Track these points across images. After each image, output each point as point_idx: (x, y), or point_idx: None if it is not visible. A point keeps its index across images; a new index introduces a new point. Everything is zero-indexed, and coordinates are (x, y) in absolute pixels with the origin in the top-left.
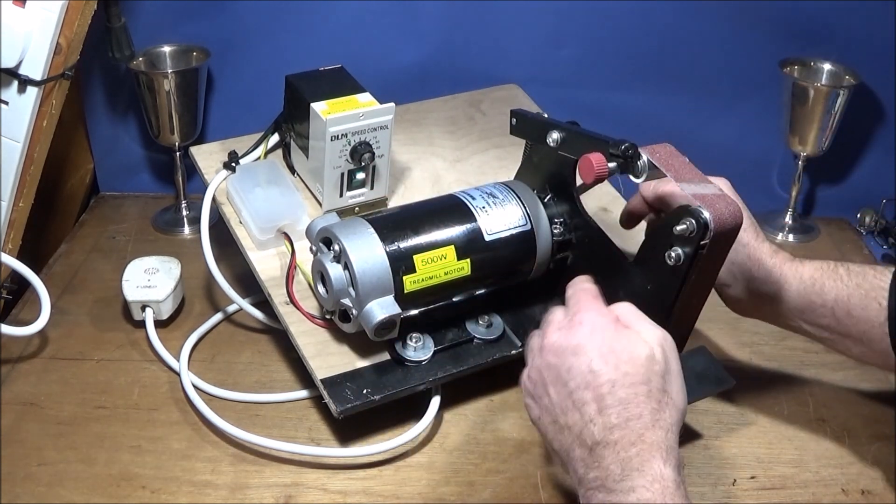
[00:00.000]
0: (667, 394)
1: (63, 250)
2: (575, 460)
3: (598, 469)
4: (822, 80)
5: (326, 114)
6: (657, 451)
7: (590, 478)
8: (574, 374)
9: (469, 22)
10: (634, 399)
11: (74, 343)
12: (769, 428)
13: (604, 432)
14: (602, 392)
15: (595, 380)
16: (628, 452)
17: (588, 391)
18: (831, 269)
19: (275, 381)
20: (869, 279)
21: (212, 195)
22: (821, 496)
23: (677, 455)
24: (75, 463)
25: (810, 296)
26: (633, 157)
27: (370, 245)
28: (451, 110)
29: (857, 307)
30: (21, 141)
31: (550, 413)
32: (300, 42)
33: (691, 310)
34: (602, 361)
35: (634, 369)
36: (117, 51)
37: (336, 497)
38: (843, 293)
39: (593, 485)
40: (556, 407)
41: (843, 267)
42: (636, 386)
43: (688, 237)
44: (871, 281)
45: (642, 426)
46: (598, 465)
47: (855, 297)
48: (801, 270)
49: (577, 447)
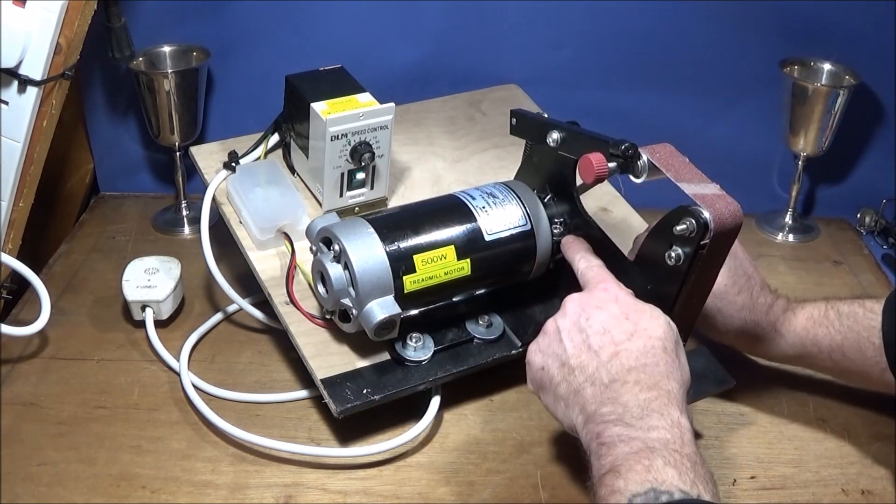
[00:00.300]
0: (678, 361)
1: (63, 250)
2: (585, 399)
3: (615, 404)
4: (822, 80)
5: (326, 114)
6: (674, 399)
7: (603, 411)
8: (593, 322)
9: (469, 22)
10: (652, 350)
11: (74, 343)
12: (769, 428)
13: (621, 372)
14: (619, 339)
15: (615, 328)
16: (647, 394)
17: (606, 336)
18: (822, 314)
19: (275, 381)
20: (860, 321)
21: (212, 195)
22: (821, 496)
23: (691, 415)
24: (75, 463)
25: (805, 346)
26: (633, 157)
27: (370, 245)
28: (451, 110)
29: (851, 350)
30: (21, 141)
31: (560, 358)
32: (300, 42)
33: (691, 310)
34: (623, 316)
35: (652, 327)
36: (117, 51)
37: (336, 497)
38: (836, 340)
39: (608, 417)
40: (567, 351)
41: (834, 310)
42: (654, 340)
43: (688, 237)
44: (863, 322)
45: (659, 374)
46: (615, 400)
47: (849, 341)
48: (794, 323)
49: (589, 386)
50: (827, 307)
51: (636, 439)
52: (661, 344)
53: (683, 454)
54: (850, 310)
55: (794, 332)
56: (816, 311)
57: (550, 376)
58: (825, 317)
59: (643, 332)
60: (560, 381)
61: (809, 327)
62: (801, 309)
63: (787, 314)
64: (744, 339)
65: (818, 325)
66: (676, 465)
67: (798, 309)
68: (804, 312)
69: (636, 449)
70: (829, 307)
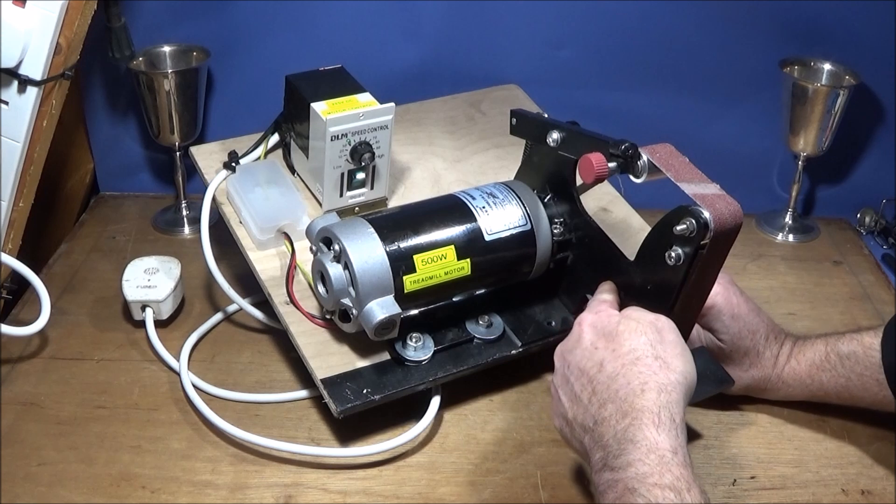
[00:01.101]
0: (660, 359)
1: (63, 250)
2: (586, 450)
3: (600, 448)
4: (822, 80)
5: (326, 114)
6: (647, 416)
7: (595, 459)
8: (572, 367)
9: (469, 22)
10: (621, 370)
11: (74, 343)
12: (769, 428)
13: (599, 410)
14: (592, 374)
15: (587, 362)
16: (621, 424)
17: (584, 378)
18: (823, 359)
19: (275, 381)
20: (861, 360)
21: (212, 195)
22: (821, 496)
23: (674, 418)
24: (75, 463)
25: (812, 391)
26: (633, 157)
27: (370, 245)
28: (451, 110)
29: (856, 389)
30: (21, 141)
31: (564, 417)
32: (300, 42)
33: (691, 310)
34: (592, 347)
35: (621, 343)
36: (117, 51)
37: (336, 497)
38: (840, 383)
39: (598, 466)
40: (565, 406)
41: (834, 353)
42: (622, 357)
43: (688, 237)
44: (864, 362)
45: (630, 393)
46: (599, 444)
47: (853, 383)
48: (798, 371)
49: (585, 435)
50: (827, 350)
51: (619, 482)
52: (634, 355)
53: (664, 485)
54: (849, 350)
55: (800, 381)
56: (817, 355)
57: (567, 437)
58: (826, 361)
59: (612, 354)
60: (571, 439)
61: (814, 374)
62: (802, 355)
63: (790, 363)
64: (753, 391)
65: (821, 370)
66: (658, 499)
67: (800, 355)
68: (806, 359)
69: (620, 492)
70: (830, 350)
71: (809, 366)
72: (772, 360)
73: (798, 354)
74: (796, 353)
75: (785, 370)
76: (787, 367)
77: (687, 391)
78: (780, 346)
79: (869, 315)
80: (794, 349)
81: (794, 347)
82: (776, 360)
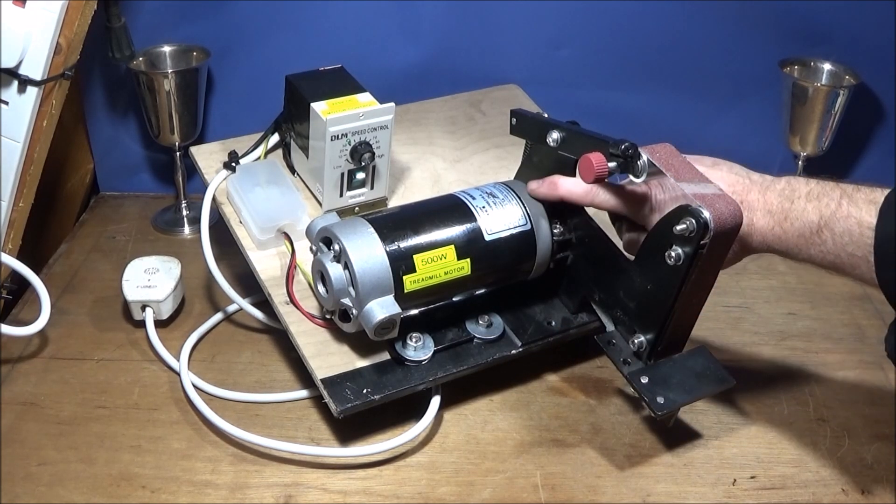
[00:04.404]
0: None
1: (63, 250)
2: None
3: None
4: (822, 80)
5: (326, 114)
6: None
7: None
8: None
9: (469, 22)
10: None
11: (74, 343)
12: (769, 428)
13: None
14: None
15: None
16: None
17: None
18: (814, 233)
19: (275, 381)
20: (855, 239)
21: (212, 195)
22: (821, 496)
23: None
24: (75, 463)
25: (799, 257)
26: (633, 157)
27: (370, 245)
28: (451, 110)
29: (845, 266)
30: (21, 141)
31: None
32: (300, 42)
33: (691, 310)
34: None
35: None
36: (117, 51)
37: (336, 497)
38: (828, 259)
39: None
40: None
41: (828, 229)
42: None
43: (688, 237)
44: (858, 241)
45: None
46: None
47: (841, 260)
48: (786, 241)
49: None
50: (820, 224)
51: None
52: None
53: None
54: (845, 228)
55: (788, 250)
56: (807, 229)
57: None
58: (818, 235)
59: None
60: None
61: (801, 245)
62: (790, 226)
63: (775, 232)
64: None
65: (810, 245)
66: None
67: (787, 225)
68: (795, 229)
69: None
70: (824, 227)
71: (798, 237)
72: (760, 241)
73: (786, 223)
74: (784, 224)
75: (771, 238)
76: (775, 239)
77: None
78: (766, 223)
79: (869, 315)
80: (779, 224)
81: (779, 223)
82: (764, 238)
